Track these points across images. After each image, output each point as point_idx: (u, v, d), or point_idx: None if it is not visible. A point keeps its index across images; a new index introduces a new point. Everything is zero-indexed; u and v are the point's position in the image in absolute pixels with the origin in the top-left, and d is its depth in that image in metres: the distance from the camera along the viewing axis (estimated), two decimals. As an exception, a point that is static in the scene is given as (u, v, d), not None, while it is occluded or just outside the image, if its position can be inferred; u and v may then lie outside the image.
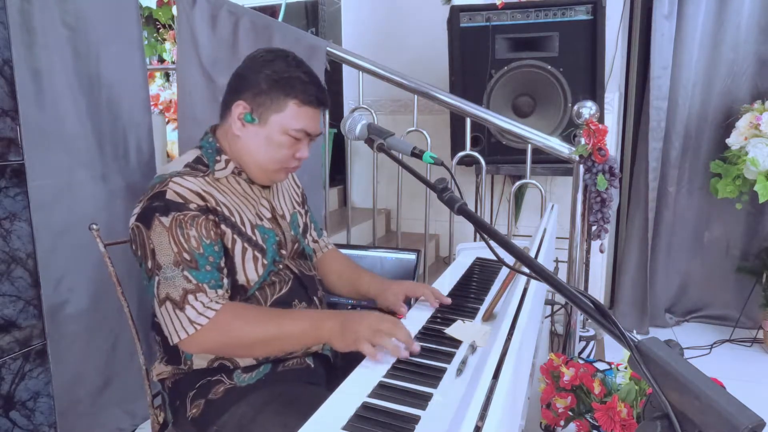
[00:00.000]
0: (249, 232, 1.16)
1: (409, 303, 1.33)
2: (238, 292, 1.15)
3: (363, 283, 1.39)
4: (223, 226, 1.12)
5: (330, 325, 1.05)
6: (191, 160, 1.18)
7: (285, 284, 1.22)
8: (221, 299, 1.07)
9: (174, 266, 1.05)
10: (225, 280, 1.10)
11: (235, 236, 1.14)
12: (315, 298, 1.28)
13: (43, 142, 1.43)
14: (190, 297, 1.04)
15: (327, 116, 2.37)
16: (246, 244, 1.15)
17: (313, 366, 1.19)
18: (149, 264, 1.07)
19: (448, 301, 1.27)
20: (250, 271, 1.15)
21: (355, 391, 0.85)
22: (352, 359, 1.01)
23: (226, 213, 1.14)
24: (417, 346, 0.99)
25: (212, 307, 1.05)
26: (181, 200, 1.08)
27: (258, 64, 1.17)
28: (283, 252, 1.24)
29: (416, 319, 1.17)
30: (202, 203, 1.09)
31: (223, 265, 1.11)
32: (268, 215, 1.24)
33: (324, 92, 1.19)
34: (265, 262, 1.18)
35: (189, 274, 1.05)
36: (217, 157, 1.19)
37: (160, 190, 1.08)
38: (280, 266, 1.22)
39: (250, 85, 1.15)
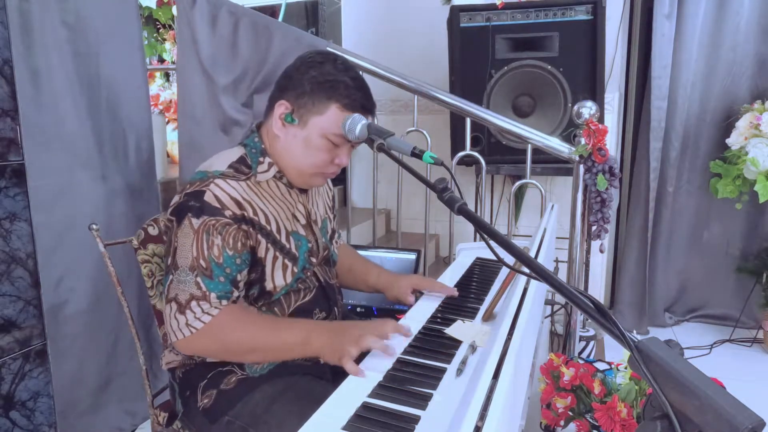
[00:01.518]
0: (283, 239, 1.16)
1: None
2: (263, 297, 1.16)
3: (372, 276, 1.41)
4: (258, 236, 1.12)
5: (320, 341, 1.04)
6: (235, 159, 1.17)
7: (309, 292, 1.23)
8: (221, 306, 1.07)
9: (189, 270, 1.05)
10: (236, 293, 1.10)
11: (269, 245, 1.14)
12: (336, 308, 1.30)
13: (43, 142, 1.43)
14: (193, 303, 1.05)
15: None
16: (278, 253, 1.15)
17: (322, 361, 1.20)
18: (169, 260, 1.09)
19: (455, 292, 1.29)
20: (278, 278, 1.15)
21: (355, 391, 0.85)
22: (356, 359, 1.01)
23: (263, 221, 1.13)
24: (408, 329, 1.00)
25: (210, 312, 1.05)
26: (217, 205, 1.07)
27: (305, 65, 1.16)
28: (313, 260, 1.24)
29: (417, 318, 1.17)
30: (238, 212, 1.09)
31: (239, 279, 1.10)
32: (303, 221, 1.24)
33: (370, 99, 1.17)
34: (295, 270, 1.18)
35: (201, 281, 1.05)
36: (261, 159, 1.18)
37: (199, 189, 1.08)
38: (308, 273, 1.23)
39: (294, 86, 1.15)
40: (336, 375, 1.21)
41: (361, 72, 2.27)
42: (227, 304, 1.08)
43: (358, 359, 0.97)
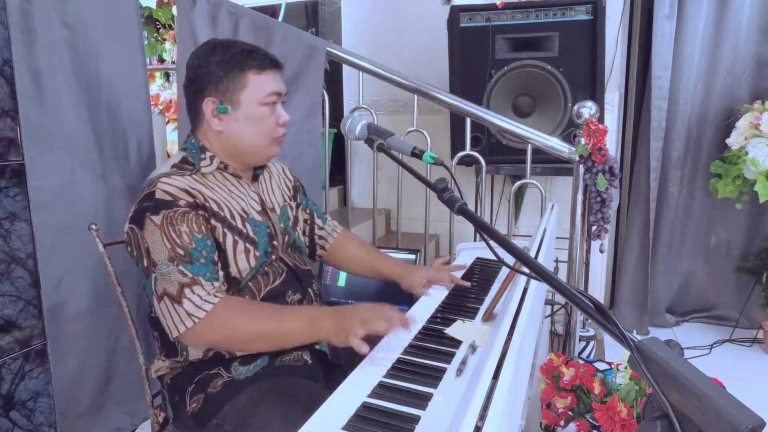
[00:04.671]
0: (239, 225, 1.18)
1: (411, 299, 1.36)
2: (230, 285, 1.16)
3: (386, 266, 1.47)
4: (213, 221, 1.14)
5: (327, 324, 1.06)
6: (177, 161, 1.21)
7: (279, 276, 1.24)
8: (219, 292, 1.08)
9: (169, 262, 1.06)
10: (220, 273, 1.12)
11: (226, 230, 1.15)
12: (310, 290, 1.30)
13: (43, 142, 1.43)
14: (187, 290, 1.05)
15: (327, 116, 2.38)
16: (237, 237, 1.17)
17: (310, 362, 1.20)
18: (145, 263, 1.09)
19: (466, 284, 1.38)
20: (241, 262, 1.17)
21: (355, 391, 0.85)
22: (354, 356, 1.01)
23: (215, 208, 1.15)
24: (413, 320, 1.02)
25: (210, 300, 1.06)
26: (170, 198, 1.09)
27: (201, 59, 1.19)
28: (275, 243, 1.26)
29: (417, 317, 1.17)
30: (190, 200, 1.11)
31: (216, 258, 1.12)
32: (258, 208, 1.26)
33: (269, 53, 1.23)
34: (257, 253, 1.20)
35: (184, 268, 1.06)
36: (202, 155, 1.21)
37: (149, 192, 1.11)
38: (273, 257, 1.24)
39: (207, 80, 1.18)
40: (328, 377, 1.21)
41: (361, 72, 2.29)
42: (219, 286, 1.09)
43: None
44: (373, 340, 1.02)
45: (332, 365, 1.24)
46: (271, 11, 3.52)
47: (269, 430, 1.02)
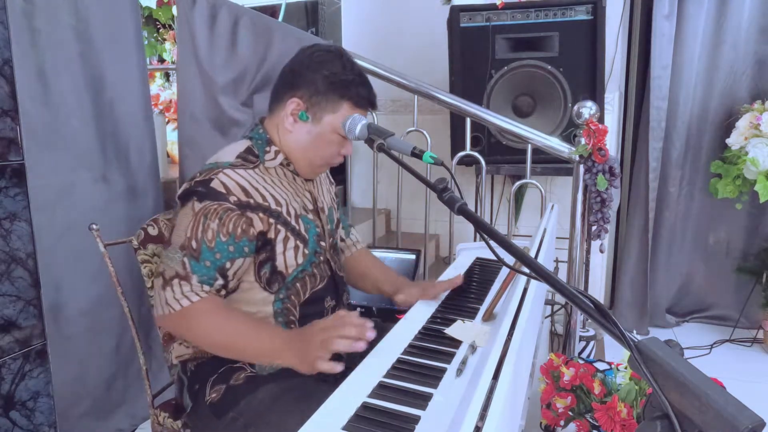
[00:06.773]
0: (293, 222, 1.19)
1: None
2: (276, 279, 1.17)
3: (384, 283, 1.44)
4: (270, 219, 1.14)
5: (288, 356, 1.04)
6: (242, 150, 1.20)
7: (322, 280, 1.25)
8: (203, 292, 1.07)
9: (180, 249, 1.08)
10: (219, 282, 1.10)
11: (280, 226, 1.16)
12: (343, 297, 1.32)
13: (44, 142, 1.43)
14: (175, 281, 1.06)
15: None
16: (289, 234, 1.17)
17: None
18: (166, 236, 1.13)
19: (460, 280, 1.32)
20: (289, 258, 1.17)
21: (355, 391, 0.85)
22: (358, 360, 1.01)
23: (273, 205, 1.16)
24: (370, 333, 0.97)
25: (190, 297, 1.06)
26: (223, 190, 1.10)
27: (315, 62, 1.18)
28: (323, 244, 1.27)
29: (416, 318, 1.17)
30: (244, 199, 1.11)
31: (228, 267, 1.10)
32: (311, 207, 1.27)
33: (373, 94, 1.23)
34: (306, 251, 1.20)
35: (187, 261, 1.07)
36: (267, 148, 1.21)
37: (207, 178, 1.11)
38: (321, 258, 1.25)
39: (306, 83, 1.18)
40: (340, 377, 1.21)
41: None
42: (209, 291, 1.08)
43: (359, 358, 0.97)
44: (371, 343, 1.01)
45: (348, 367, 1.24)
46: (271, 11, 3.52)
47: (284, 428, 1.02)
